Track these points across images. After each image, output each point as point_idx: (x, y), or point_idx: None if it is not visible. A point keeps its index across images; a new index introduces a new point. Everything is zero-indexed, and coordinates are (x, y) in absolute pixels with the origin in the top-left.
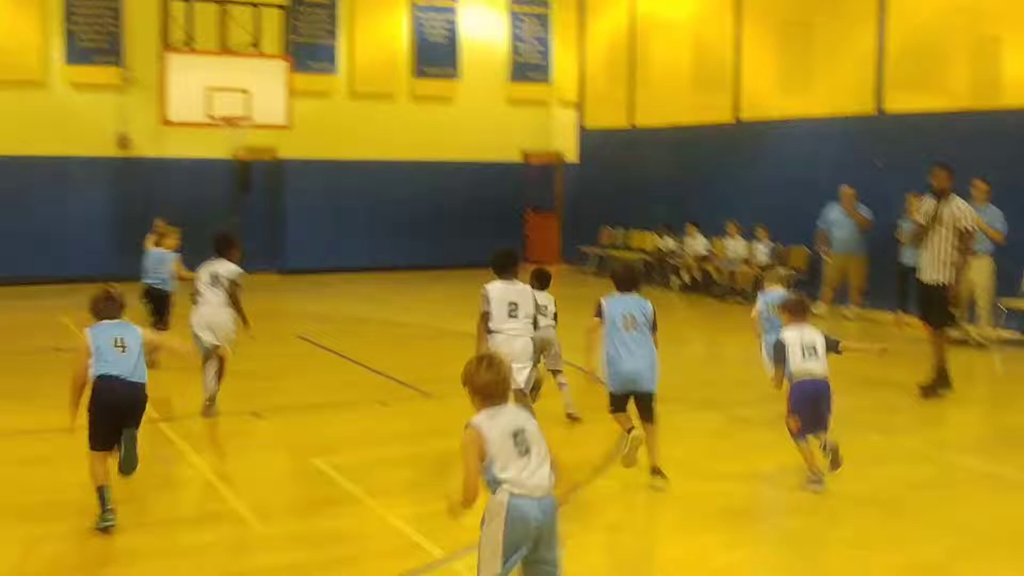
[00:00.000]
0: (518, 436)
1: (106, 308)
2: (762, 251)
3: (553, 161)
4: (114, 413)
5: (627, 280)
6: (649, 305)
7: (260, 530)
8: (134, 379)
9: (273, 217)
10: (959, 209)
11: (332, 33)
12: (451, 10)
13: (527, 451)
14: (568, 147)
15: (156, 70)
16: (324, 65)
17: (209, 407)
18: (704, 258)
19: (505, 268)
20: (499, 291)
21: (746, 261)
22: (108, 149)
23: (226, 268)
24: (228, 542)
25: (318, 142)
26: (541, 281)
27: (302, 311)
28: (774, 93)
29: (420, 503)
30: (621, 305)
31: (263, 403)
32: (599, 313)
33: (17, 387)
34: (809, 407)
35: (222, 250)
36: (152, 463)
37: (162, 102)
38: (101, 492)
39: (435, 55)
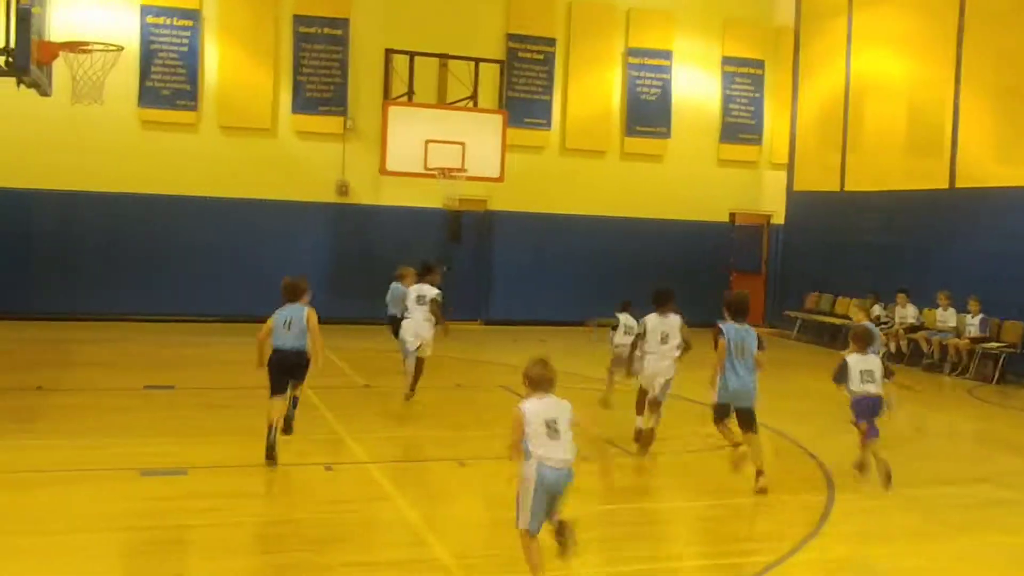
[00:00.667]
0: (551, 424)
1: (286, 294)
2: (974, 323)
3: (761, 223)
4: (280, 371)
5: (741, 309)
6: (755, 335)
7: None
8: (296, 348)
9: (480, 267)
10: None
11: (547, 89)
12: (665, 69)
13: (557, 435)
14: (777, 209)
15: (377, 121)
16: (538, 120)
17: (409, 395)
18: (913, 328)
19: (660, 303)
20: (653, 322)
21: (957, 333)
22: (328, 195)
23: (430, 290)
24: None
25: (528, 196)
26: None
27: (505, 361)
28: (992, 160)
29: (615, 562)
30: (735, 333)
31: (467, 451)
32: (721, 335)
33: (232, 422)
34: (868, 417)
35: (424, 275)
36: (357, 502)
37: (382, 152)
38: (269, 428)
39: (647, 113)
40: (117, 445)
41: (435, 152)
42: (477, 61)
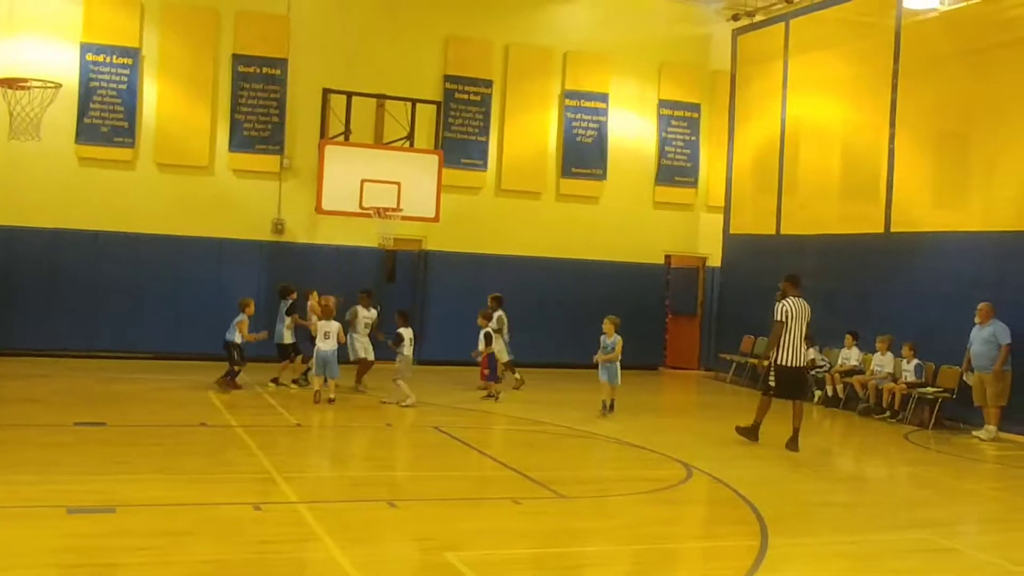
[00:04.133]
0: (327, 332)
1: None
2: (909, 369)
3: (696, 265)
4: None
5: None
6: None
7: None
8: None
9: (415, 307)
10: None
11: (483, 130)
12: (601, 111)
13: (328, 338)
14: (713, 252)
15: (313, 160)
16: (474, 161)
17: (358, 387)
18: (849, 372)
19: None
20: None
21: (894, 378)
22: (264, 233)
23: (366, 313)
24: None
25: (463, 236)
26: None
27: (438, 402)
28: (927, 205)
29: None
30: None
31: (398, 492)
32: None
33: (163, 460)
34: (493, 369)
35: (363, 302)
36: (286, 543)
37: (318, 191)
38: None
39: (583, 155)
40: (45, 482)
41: (371, 191)
42: (414, 102)
